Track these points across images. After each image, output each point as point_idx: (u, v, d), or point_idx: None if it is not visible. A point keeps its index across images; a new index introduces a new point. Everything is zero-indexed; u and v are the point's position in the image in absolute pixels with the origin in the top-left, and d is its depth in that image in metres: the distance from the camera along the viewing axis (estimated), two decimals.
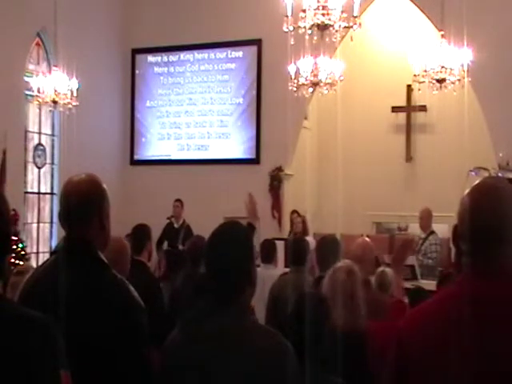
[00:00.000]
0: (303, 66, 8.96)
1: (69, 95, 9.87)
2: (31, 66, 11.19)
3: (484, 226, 1.78)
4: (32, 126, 11.46)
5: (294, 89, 9.19)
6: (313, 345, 2.76)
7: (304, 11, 7.20)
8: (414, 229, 11.58)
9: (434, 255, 8.84)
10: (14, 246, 9.03)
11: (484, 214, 1.78)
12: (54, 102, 9.81)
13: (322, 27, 7.24)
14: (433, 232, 9.18)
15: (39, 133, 11.64)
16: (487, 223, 1.77)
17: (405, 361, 1.82)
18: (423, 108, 12.36)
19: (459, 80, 8.94)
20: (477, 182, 1.89)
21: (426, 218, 9.24)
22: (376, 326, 3.54)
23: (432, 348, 1.77)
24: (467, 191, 1.85)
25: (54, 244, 11.30)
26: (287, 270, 6.04)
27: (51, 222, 11.79)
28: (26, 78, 10.67)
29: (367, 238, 5.24)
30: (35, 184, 11.54)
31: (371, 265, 4.70)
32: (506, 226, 1.77)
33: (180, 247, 10.24)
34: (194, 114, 12.99)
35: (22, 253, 9.24)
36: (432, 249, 8.91)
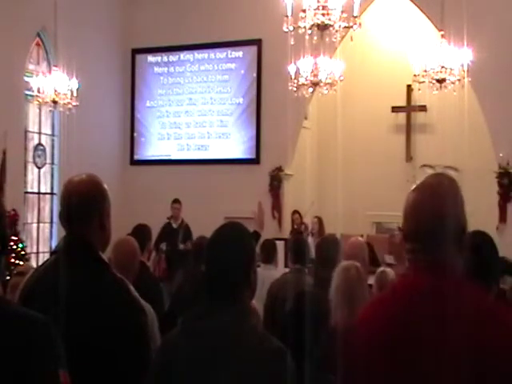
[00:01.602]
0: (303, 66, 8.96)
1: (69, 95, 9.87)
2: (31, 66, 11.19)
3: (424, 224, 1.81)
4: (32, 126, 11.46)
5: (294, 89, 9.19)
6: (310, 343, 2.76)
7: (304, 11, 7.21)
8: None
9: None
10: (14, 246, 9.03)
11: (424, 211, 1.82)
12: (54, 102, 9.81)
13: (322, 27, 7.24)
14: None
15: (39, 133, 11.64)
16: (427, 221, 1.80)
17: (360, 354, 1.86)
18: (423, 108, 12.36)
19: (459, 80, 8.95)
20: (421, 180, 1.93)
21: None
22: None
23: (376, 338, 1.81)
24: (411, 189, 1.90)
25: (54, 244, 11.30)
26: (287, 270, 6.04)
27: (51, 222, 11.79)
28: (26, 78, 10.67)
29: (360, 238, 5.26)
30: (35, 184, 11.54)
31: (365, 264, 4.70)
32: (445, 223, 1.79)
33: (181, 246, 10.22)
34: (194, 114, 12.99)
35: (22, 253, 9.24)
36: None
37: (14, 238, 9.25)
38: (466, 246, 1.90)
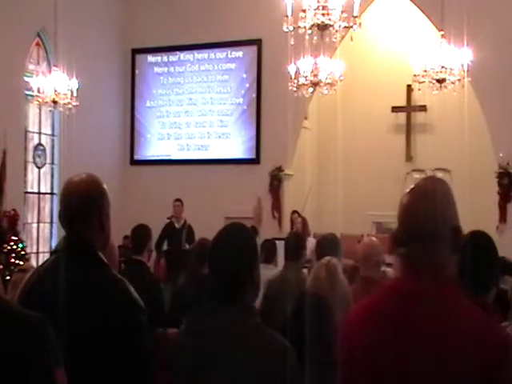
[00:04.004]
0: (303, 66, 8.96)
1: (69, 95, 9.87)
2: (31, 66, 11.20)
3: (416, 228, 1.81)
4: (32, 126, 11.47)
5: (294, 89, 9.19)
6: (312, 344, 2.77)
7: (304, 11, 7.21)
8: None
9: None
10: (14, 246, 9.03)
11: (416, 215, 1.82)
12: (54, 102, 9.81)
13: (322, 27, 7.25)
14: None
15: (39, 133, 11.64)
16: (419, 225, 1.81)
17: (346, 355, 1.87)
18: (423, 108, 12.36)
19: (459, 80, 8.94)
20: (413, 184, 1.94)
21: None
22: None
23: (363, 343, 1.82)
24: (404, 194, 1.90)
25: (54, 244, 11.30)
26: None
27: (51, 222, 11.79)
28: (26, 78, 10.67)
29: (374, 238, 5.24)
30: (35, 184, 11.54)
31: (376, 265, 4.70)
32: (437, 227, 1.80)
33: (187, 246, 10.19)
34: (194, 114, 12.99)
35: (22, 253, 9.24)
36: None
37: (14, 237, 9.26)
38: (464, 247, 1.90)
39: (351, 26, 7.40)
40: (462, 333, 1.71)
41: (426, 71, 8.93)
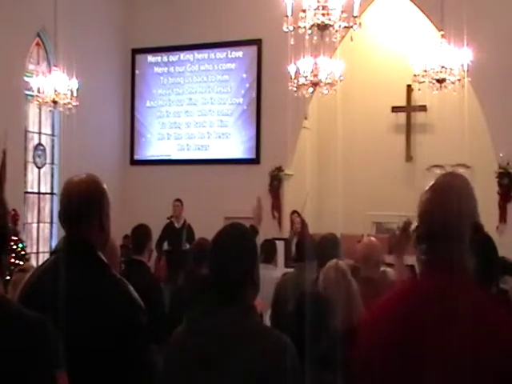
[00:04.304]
0: (303, 66, 8.96)
1: (69, 95, 9.87)
2: (31, 66, 11.19)
3: (437, 224, 1.81)
4: (32, 126, 11.46)
5: (294, 89, 9.19)
6: (313, 343, 2.77)
7: (304, 11, 7.21)
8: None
9: None
10: (14, 246, 9.03)
11: (436, 212, 1.81)
12: (54, 102, 9.81)
13: (322, 27, 7.25)
14: None
15: (39, 133, 11.64)
16: (439, 221, 1.80)
17: (364, 355, 1.85)
18: (423, 108, 12.36)
19: (459, 80, 8.94)
20: (433, 180, 1.92)
21: None
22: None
23: (383, 342, 1.80)
24: (425, 190, 1.89)
25: (53, 244, 11.30)
26: (287, 270, 6.05)
27: (51, 222, 11.79)
28: (26, 78, 10.67)
29: (373, 238, 5.23)
30: (35, 184, 11.54)
31: (376, 265, 4.70)
32: (457, 223, 1.79)
33: (187, 246, 10.18)
34: (194, 114, 12.99)
35: (22, 253, 9.23)
36: None
37: (14, 237, 9.25)
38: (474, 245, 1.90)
39: (351, 26, 7.40)
40: (487, 332, 1.70)
41: (426, 71, 8.93)
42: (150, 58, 13.34)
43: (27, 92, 10.55)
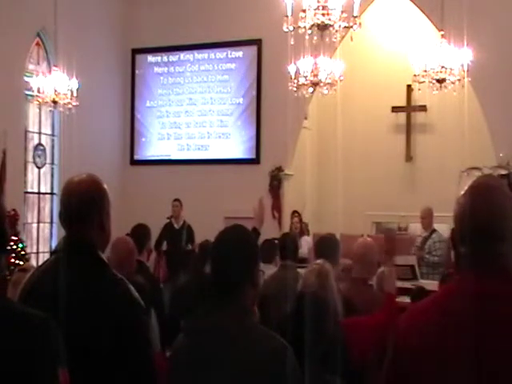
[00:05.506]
0: (303, 66, 8.96)
1: (69, 95, 9.86)
2: (31, 66, 11.19)
3: (481, 225, 1.79)
4: (32, 126, 11.46)
5: (294, 89, 9.19)
6: (311, 344, 2.78)
7: (304, 11, 7.20)
8: (414, 229, 11.59)
9: (439, 252, 8.90)
10: (14, 246, 9.03)
11: (480, 213, 1.79)
12: (54, 102, 9.81)
13: (322, 27, 7.24)
14: (435, 230, 9.24)
15: (39, 133, 11.64)
16: (484, 222, 1.78)
17: (403, 360, 1.82)
18: (423, 108, 12.37)
19: (459, 80, 8.94)
20: (471, 181, 1.90)
21: (427, 217, 9.31)
22: (348, 323, 3.57)
23: (430, 346, 1.77)
24: (462, 192, 1.87)
25: (54, 244, 11.30)
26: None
27: (51, 222, 11.79)
28: (26, 78, 10.67)
29: (369, 238, 5.24)
30: (35, 184, 11.53)
31: (372, 265, 4.70)
32: (502, 224, 1.78)
33: (189, 247, 10.18)
34: (194, 114, 12.99)
35: (22, 253, 9.23)
36: (436, 246, 8.98)
37: (14, 237, 9.25)
38: None
39: (351, 26, 7.40)
40: None
41: (425, 71, 8.93)
42: (150, 58, 13.33)
43: (27, 92, 10.55)
